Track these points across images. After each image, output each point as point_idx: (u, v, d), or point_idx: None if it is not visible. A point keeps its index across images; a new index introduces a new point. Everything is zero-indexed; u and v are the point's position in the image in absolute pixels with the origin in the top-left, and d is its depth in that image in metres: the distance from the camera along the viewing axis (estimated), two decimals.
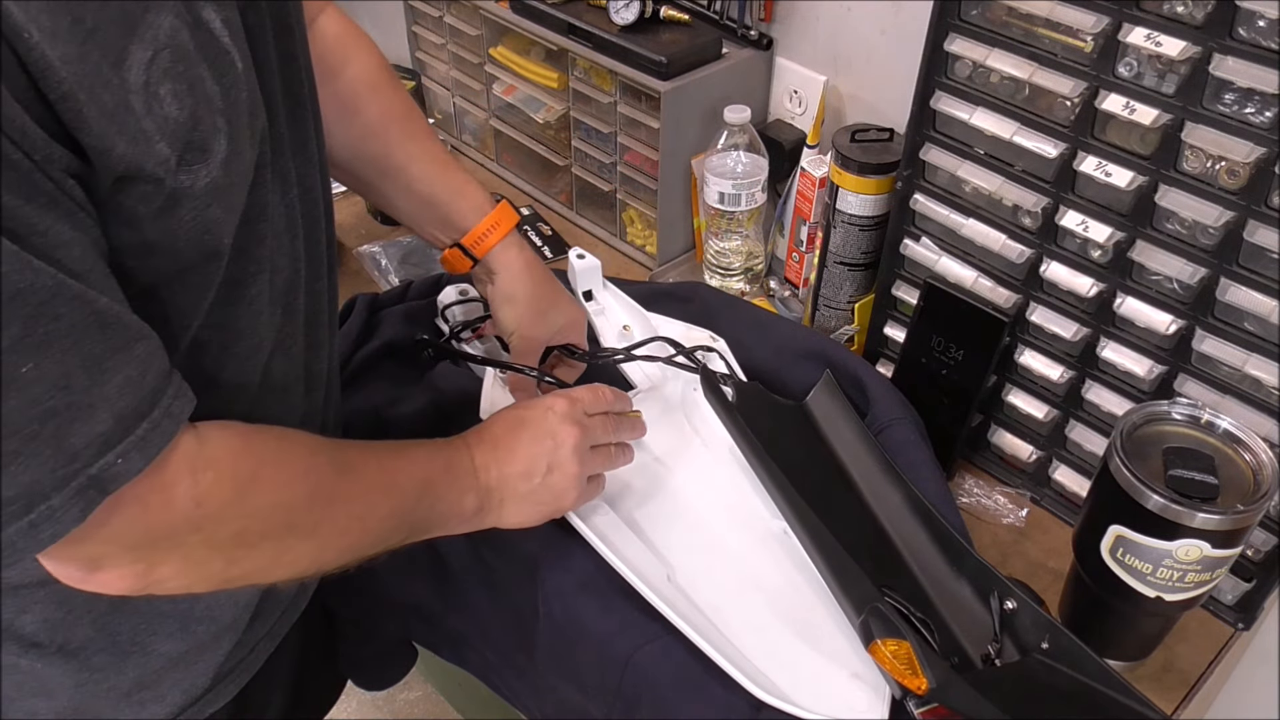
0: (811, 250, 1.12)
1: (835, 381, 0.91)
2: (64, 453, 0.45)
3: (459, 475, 0.70)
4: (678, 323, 0.99)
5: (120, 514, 0.49)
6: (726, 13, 1.17)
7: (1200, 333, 0.77)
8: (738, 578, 0.79)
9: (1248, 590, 0.83)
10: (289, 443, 0.60)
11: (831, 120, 1.16)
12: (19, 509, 0.45)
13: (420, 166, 0.82)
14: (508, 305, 0.85)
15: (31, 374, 0.43)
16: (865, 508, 0.83)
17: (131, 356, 0.47)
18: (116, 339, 0.47)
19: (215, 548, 0.55)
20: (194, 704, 0.71)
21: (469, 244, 0.84)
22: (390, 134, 0.82)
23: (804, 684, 0.70)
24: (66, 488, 0.46)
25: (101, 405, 0.46)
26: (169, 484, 0.51)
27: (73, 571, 0.52)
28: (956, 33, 0.81)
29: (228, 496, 0.54)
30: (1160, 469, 0.70)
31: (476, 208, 0.84)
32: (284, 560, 0.60)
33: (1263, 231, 0.71)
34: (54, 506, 0.46)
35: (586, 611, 0.76)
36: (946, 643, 0.73)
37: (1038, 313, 0.87)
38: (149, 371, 0.49)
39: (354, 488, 0.63)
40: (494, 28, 1.29)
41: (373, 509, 0.64)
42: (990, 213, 0.87)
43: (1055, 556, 0.89)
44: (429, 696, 1.76)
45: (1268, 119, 0.68)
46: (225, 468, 0.54)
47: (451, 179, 0.84)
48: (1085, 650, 0.68)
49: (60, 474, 0.45)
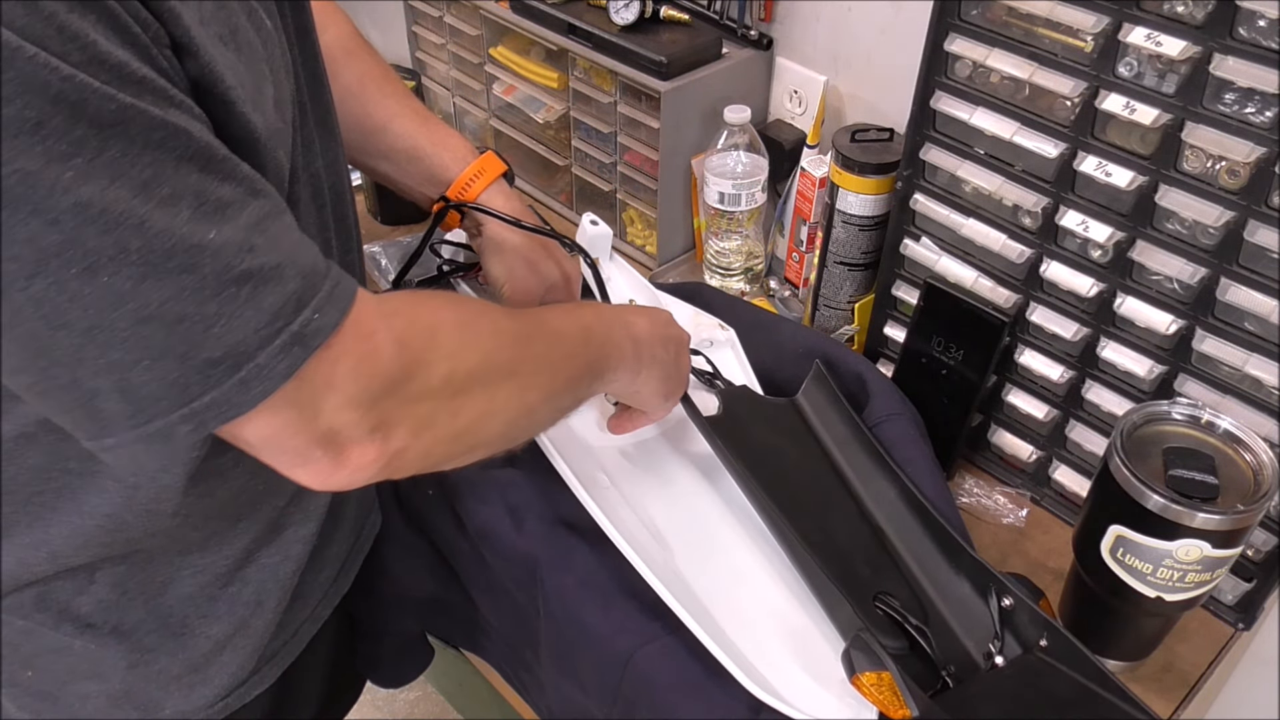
0: (811, 250, 1.12)
1: (825, 374, 0.90)
2: (264, 311, 0.46)
3: (610, 323, 0.72)
4: (687, 307, 0.97)
5: (338, 368, 0.49)
6: (726, 13, 1.17)
7: (1200, 333, 0.77)
8: (733, 570, 0.78)
9: (1248, 590, 0.83)
10: (454, 299, 0.61)
11: (831, 120, 1.16)
12: (228, 368, 0.46)
13: (400, 123, 0.82)
14: (496, 256, 0.84)
15: (218, 239, 0.44)
16: (860, 505, 0.83)
17: (288, 221, 0.48)
18: (270, 204, 0.48)
19: (432, 396, 0.55)
20: (240, 686, 0.71)
21: (454, 195, 0.82)
22: (368, 93, 0.82)
23: (796, 682, 0.69)
24: (271, 345, 0.46)
25: (288, 265, 0.47)
26: (368, 332, 0.51)
27: (321, 460, 0.52)
28: (956, 33, 0.81)
29: (423, 336, 0.55)
30: (1160, 469, 0.70)
31: (459, 158, 0.83)
32: (496, 405, 0.60)
33: (1263, 231, 0.71)
34: (260, 365, 0.46)
35: (586, 611, 0.76)
36: (947, 643, 0.73)
37: (1038, 313, 0.87)
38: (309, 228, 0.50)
39: (527, 328, 0.64)
40: (494, 28, 1.29)
41: (553, 346, 0.65)
42: (990, 213, 0.87)
43: (1055, 556, 0.89)
44: (429, 696, 1.76)
45: (1268, 119, 0.68)
46: (409, 314, 0.55)
47: (433, 132, 0.83)
48: (1081, 649, 0.68)
49: (263, 333, 0.46)
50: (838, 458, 0.86)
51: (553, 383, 0.65)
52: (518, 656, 0.87)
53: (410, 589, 0.90)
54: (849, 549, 0.78)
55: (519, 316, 0.65)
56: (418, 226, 1.28)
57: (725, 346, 0.94)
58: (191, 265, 0.43)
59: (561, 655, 0.79)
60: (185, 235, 0.43)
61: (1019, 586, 0.73)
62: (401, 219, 1.29)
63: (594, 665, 0.75)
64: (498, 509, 0.82)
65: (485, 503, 0.83)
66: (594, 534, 0.80)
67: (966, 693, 0.68)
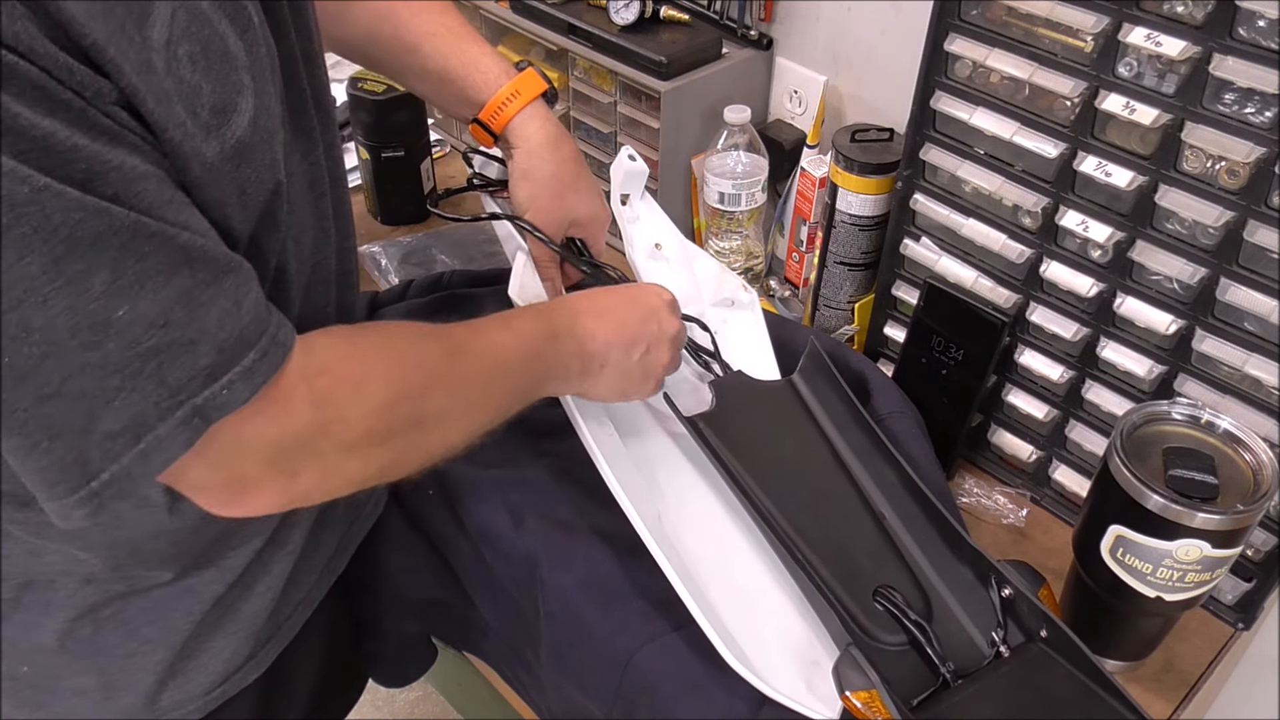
0: (811, 250, 1.12)
1: (821, 351, 0.88)
2: (167, 386, 0.46)
3: (563, 341, 0.70)
4: (712, 262, 0.95)
5: (247, 428, 0.50)
6: (726, 13, 1.17)
7: (1200, 333, 0.77)
8: (720, 539, 0.78)
9: (1248, 590, 0.83)
10: (395, 337, 0.61)
11: (831, 120, 1.16)
12: (128, 439, 0.46)
13: (432, 43, 0.80)
14: (524, 182, 0.82)
15: (128, 316, 0.44)
16: (860, 490, 0.81)
17: (223, 289, 0.48)
18: (205, 273, 0.47)
19: (349, 450, 0.55)
20: (235, 673, 0.72)
21: (486, 118, 0.81)
22: (399, 14, 0.80)
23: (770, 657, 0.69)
24: (171, 417, 0.46)
25: (203, 340, 0.46)
26: (285, 395, 0.51)
27: (223, 497, 0.52)
28: (956, 33, 0.81)
29: (347, 396, 0.54)
30: (1160, 469, 0.70)
31: (493, 79, 0.81)
32: (415, 452, 0.60)
33: (1263, 231, 0.71)
34: (160, 436, 0.46)
35: (586, 611, 0.76)
36: (951, 633, 0.72)
37: (1038, 313, 0.87)
38: (244, 301, 0.49)
39: (469, 369, 0.63)
40: (494, 28, 1.29)
41: (489, 388, 0.65)
42: (990, 213, 0.87)
43: (1055, 556, 0.89)
44: (429, 696, 1.76)
45: (1268, 119, 0.68)
46: (338, 370, 0.54)
47: (466, 51, 0.81)
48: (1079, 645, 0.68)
49: (165, 405, 0.46)
50: (836, 440, 0.85)
51: (482, 418, 0.65)
52: (518, 656, 0.87)
53: (410, 589, 0.90)
54: (849, 540, 0.77)
55: (460, 353, 0.63)
56: (418, 227, 1.28)
57: (746, 309, 0.91)
58: (96, 343, 0.43)
59: (561, 655, 0.79)
60: (93, 312, 0.43)
61: (1020, 574, 0.72)
62: (401, 219, 1.29)
63: (594, 665, 0.75)
64: (497, 509, 0.82)
65: (485, 502, 0.83)
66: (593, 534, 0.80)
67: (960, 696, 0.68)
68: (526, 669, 0.86)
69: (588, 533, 0.80)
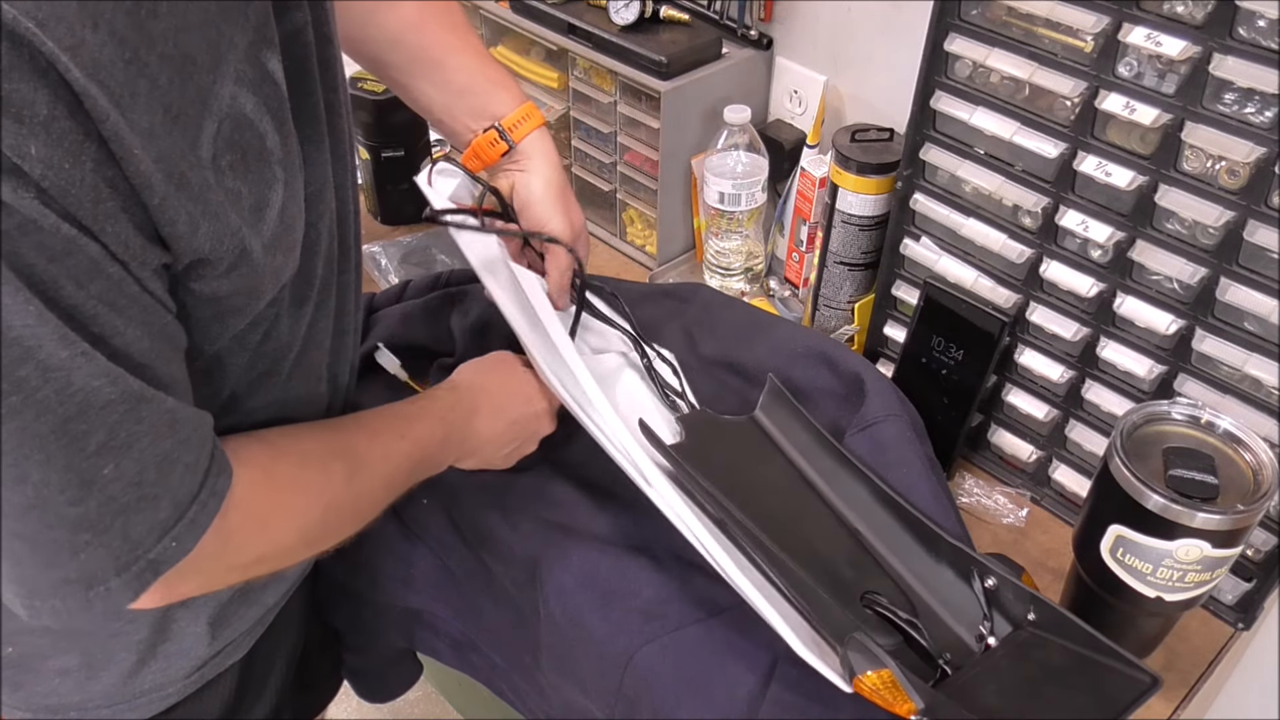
0: (811, 250, 1.12)
1: (781, 388, 0.88)
2: (129, 541, 0.49)
3: (451, 445, 0.76)
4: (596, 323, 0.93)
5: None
6: (726, 13, 1.17)
7: (1200, 333, 0.77)
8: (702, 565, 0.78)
9: (1248, 590, 0.83)
10: (307, 465, 0.63)
11: (831, 120, 1.16)
12: (78, 586, 0.49)
13: (459, 58, 0.84)
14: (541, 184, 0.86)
15: (111, 474, 0.46)
16: (834, 510, 0.82)
17: (191, 446, 0.51)
18: (183, 433, 0.50)
19: (235, 569, 0.59)
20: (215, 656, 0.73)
21: (508, 126, 0.84)
22: (428, 27, 0.83)
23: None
24: (127, 572, 0.49)
25: (164, 495, 0.49)
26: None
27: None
28: (956, 33, 0.81)
29: (252, 532, 0.57)
30: (1160, 469, 0.70)
31: (515, 97, 0.85)
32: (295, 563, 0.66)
33: (1263, 231, 0.71)
34: (111, 588, 0.49)
35: (586, 612, 0.76)
36: (938, 633, 0.73)
37: (1038, 313, 0.87)
38: (201, 454, 0.52)
39: (365, 487, 0.67)
40: (494, 28, 1.29)
41: (378, 501, 0.69)
42: (990, 213, 0.87)
43: (1055, 556, 0.89)
44: (429, 696, 1.76)
45: (1268, 119, 0.68)
46: (250, 508, 0.56)
47: (490, 71, 0.85)
48: (1068, 616, 0.68)
49: (123, 560, 0.49)
50: (805, 467, 0.85)
51: (364, 523, 0.68)
52: (514, 664, 0.86)
53: (400, 599, 0.89)
54: (830, 554, 0.77)
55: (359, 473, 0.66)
56: (418, 227, 1.28)
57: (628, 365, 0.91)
58: (79, 499, 0.46)
59: (561, 657, 0.78)
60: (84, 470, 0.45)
61: (999, 565, 0.73)
62: (401, 219, 1.30)
63: (594, 665, 0.75)
64: (493, 512, 0.82)
65: (480, 506, 0.83)
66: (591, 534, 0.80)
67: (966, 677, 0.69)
68: (524, 675, 0.86)
69: (586, 533, 0.80)
